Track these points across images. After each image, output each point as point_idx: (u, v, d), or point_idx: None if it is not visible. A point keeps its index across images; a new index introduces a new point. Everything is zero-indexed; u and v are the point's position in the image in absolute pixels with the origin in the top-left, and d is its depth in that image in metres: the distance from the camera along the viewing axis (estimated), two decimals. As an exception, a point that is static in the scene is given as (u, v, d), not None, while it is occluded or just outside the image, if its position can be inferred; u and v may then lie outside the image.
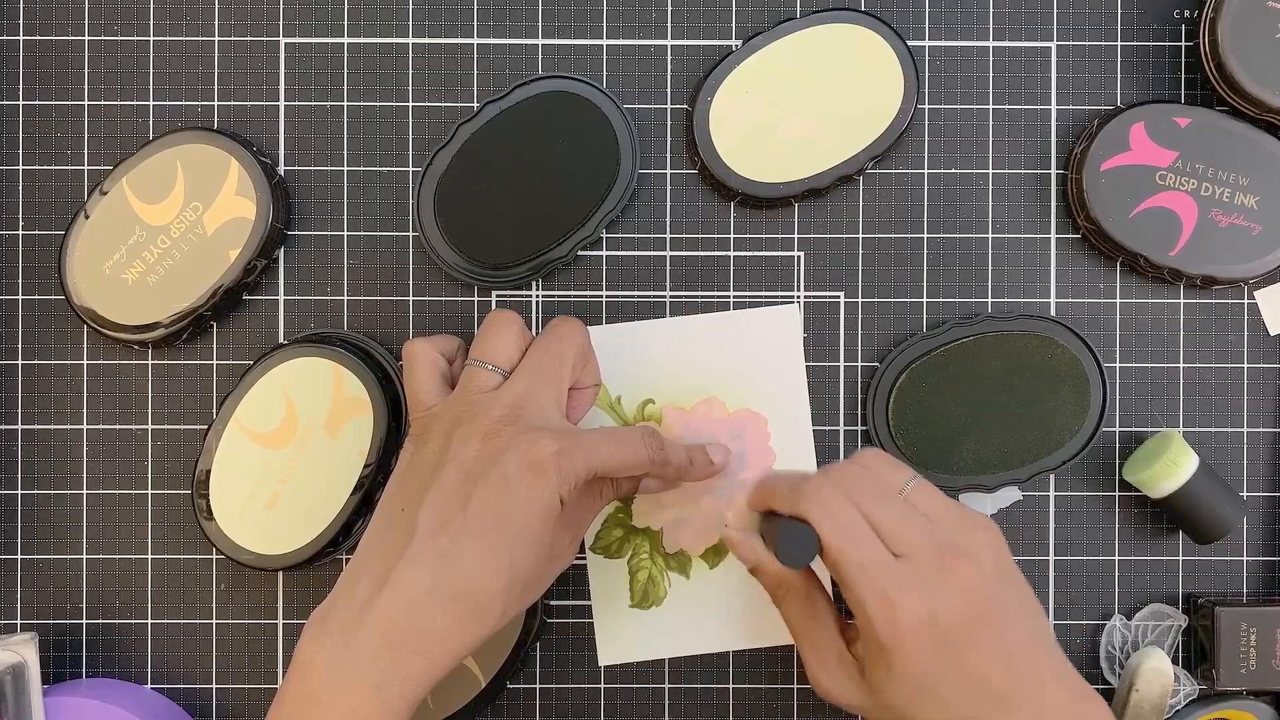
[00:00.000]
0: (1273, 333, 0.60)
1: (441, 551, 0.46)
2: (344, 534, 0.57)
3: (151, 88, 0.60)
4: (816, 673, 0.49)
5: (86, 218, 0.57)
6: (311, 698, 0.45)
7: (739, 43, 0.59)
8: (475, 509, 0.46)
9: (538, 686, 0.60)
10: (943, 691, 0.45)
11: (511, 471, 0.46)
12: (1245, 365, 0.60)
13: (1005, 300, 0.60)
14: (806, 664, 0.50)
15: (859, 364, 0.60)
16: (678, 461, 0.52)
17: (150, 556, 0.59)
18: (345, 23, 0.60)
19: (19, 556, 0.59)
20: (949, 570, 0.46)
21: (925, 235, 0.60)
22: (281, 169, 0.60)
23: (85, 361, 0.60)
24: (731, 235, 0.60)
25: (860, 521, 0.47)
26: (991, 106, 0.60)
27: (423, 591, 0.45)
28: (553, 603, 0.59)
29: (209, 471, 0.57)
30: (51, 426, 0.59)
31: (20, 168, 0.60)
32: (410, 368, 0.52)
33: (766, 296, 0.60)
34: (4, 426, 0.60)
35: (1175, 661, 0.59)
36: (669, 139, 0.60)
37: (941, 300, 0.60)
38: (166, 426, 0.59)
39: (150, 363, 0.60)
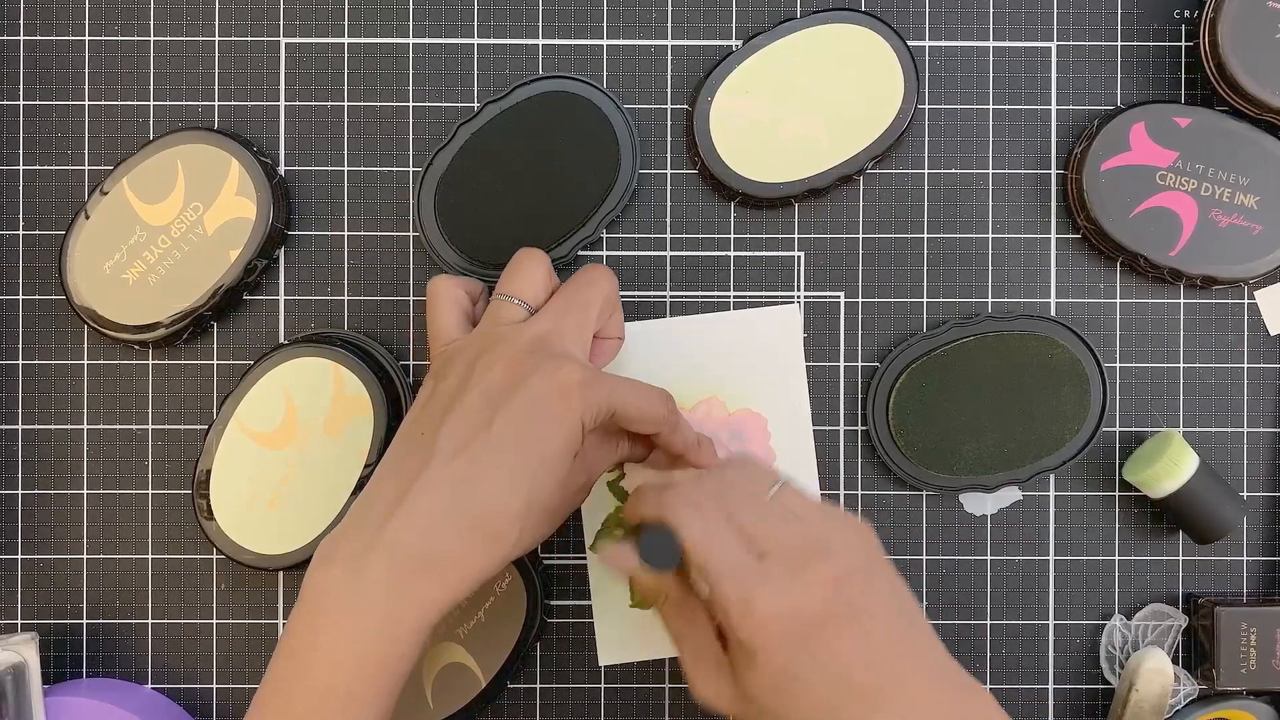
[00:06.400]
0: (1273, 333, 0.60)
1: (461, 473, 0.45)
2: (344, 534, 0.57)
3: (151, 88, 0.60)
4: (693, 677, 0.48)
5: (87, 218, 0.57)
6: (319, 624, 0.44)
7: (739, 43, 0.59)
8: (498, 431, 0.46)
9: (538, 686, 0.60)
10: (808, 689, 0.44)
11: (537, 394, 0.46)
12: (1245, 365, 0.60)
13: (1005, 300, 0.60)
14: (684, 669, 0.49)
15: (859, 364, 0.60)
16: (686, 435, 0.52)
17: (150, 556, 0.59)
18: (345, 23, 0.60)
19: (19, 556, 0.59)
20: (810, 568, 0.45)
21: (925, 235, 0.60)
22: (281, 169, 0.60)
23: (85, 361, 0.60)
24: (731, 235, 0.60)
25: (722, 524, 0.46)
26: (991, 106, 0.60)
27: (439, 513, 0.45)
28: (553, 603, 0.60)
29: (209, 471, 0.57)
30: (51, 426, 0.59)
31: (20, 168, 0.60)
32: (434, 303, 0.51)
33: (766, 296, 0.60)
34: (4, 426, 0.60)
35: (1175, 661, 0.59)
36: (669, 139, 0.60)
37: (941, 300, 0.60)
38: (166, 426, 0.59)
39: (150, 363, 0.60)
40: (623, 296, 0.60)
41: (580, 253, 0.59)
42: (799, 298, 0.60)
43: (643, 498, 0.50)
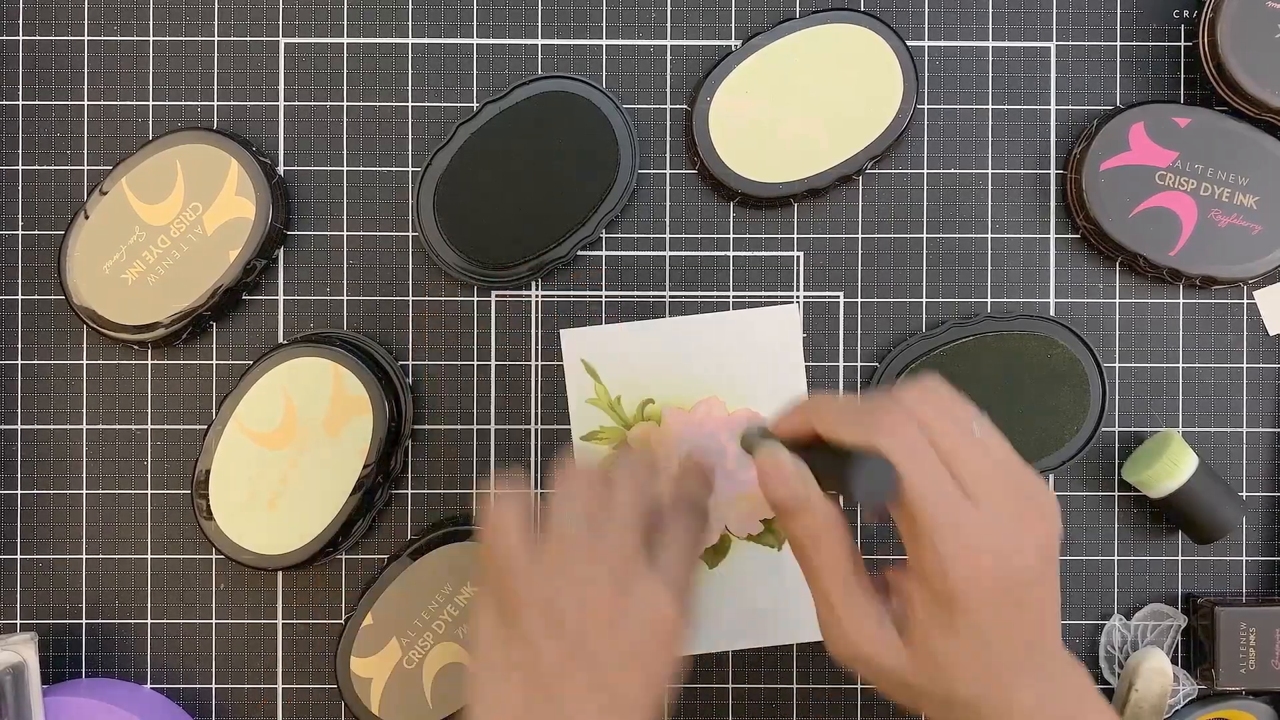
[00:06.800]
0: (1272, 333, 0.60)
1: None
2: (344, 534, 0.57)
3: (151, 88, 0.60)
4: (849, 630, 0.45)
5: (86, 218, 0.57)
6: None
7: (739, 43, 0.59)
8: (608, 695, 0.44)
9: (537, 686, 0.60)
10: (998, 645, 0.43)
11: (637, 646, 0.44)
12: (1245, 365, 0.60)
13: (1005, 300, 0.60)
14: (837, 621, 0.45)
15: (859, 364, 0.60)
16: (703, 498, 0.51)
17: (150, 556, 0.59)
18: (345, 23, 0.60)
19: (19, 556, 0.59)
20: (1027, 525, 0.43)
21: (925, 235, 0.60)
22: (281, 169, 0.60)
23: (85, 361, 0.60)
24: (731, 235, 0.60)
25: (937, 461, 0.44)
26: (991, 106, 0.60)
27: None
28: (552, 603, 0.60)
29: (209, 471, 0.57)
30: (51, 426, 0.59)
31: (20, 168, 0.60)
32: (497, 511, 0.47)
33: (766, 296, 0.60)
34: (4, 426, 0.60)
35: (1175, 661, 0.59)
36: (669, 139, 0.60)
37: (941, 300, 0.60)
38: (166, 426, 0.59)
39: (150, 363, 0.60)
40: (622, 296, 0.60)
41: (580, 253, 0.59)
42: (798, 298, 0.60)
43: (830, 417, 0.46)
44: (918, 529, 0.43)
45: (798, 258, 0.60)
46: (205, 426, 0.59)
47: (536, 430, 0.59)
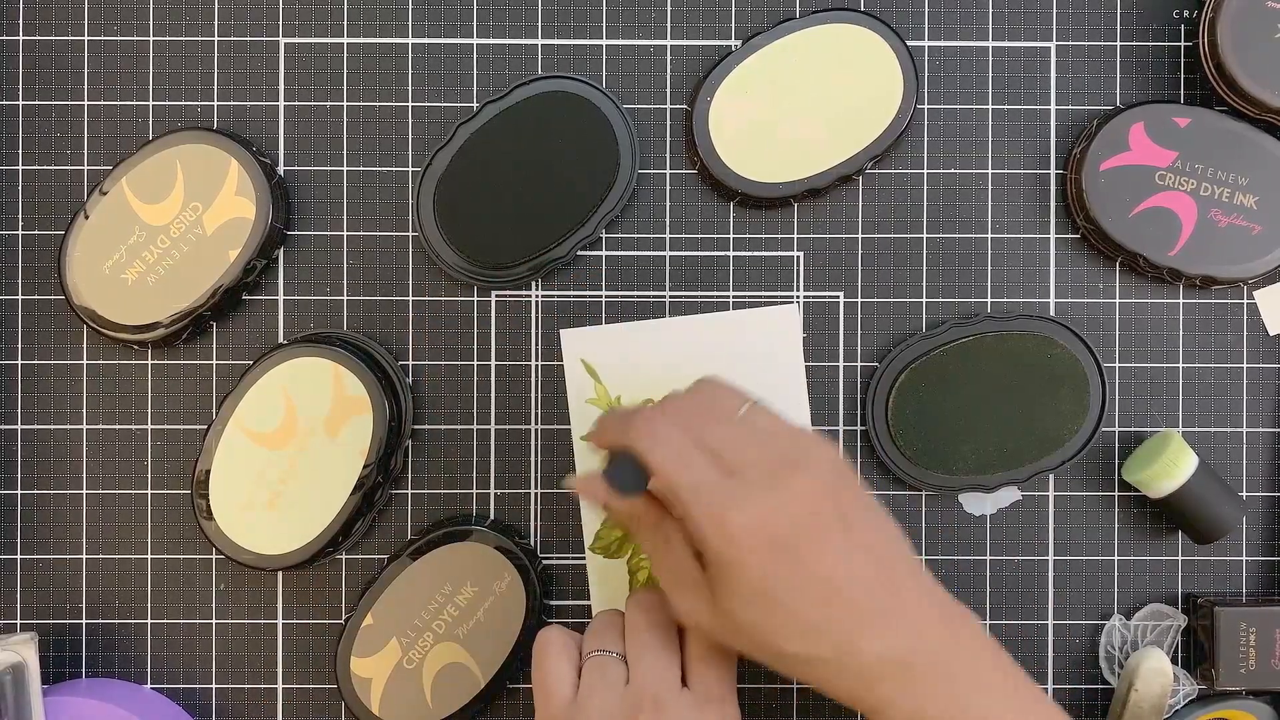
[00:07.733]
0: (1272, 333, 0.60)
1: None
2: (344, 534, 0.57)
3: (151, 88, 0.60)
4: (674, 597, 0.48)
5: (86, 218, 0.57)
6: None
7: (739, 43, 0.59)
8: None
9: (537, 686, 0.60)
10: (787, 601, 0.44)
11: None
12: (1245, 365, 0.60)
13: (1005, 300, 0.60)
14: (665, 590, 0.49)
15: (858, 364, 0.60)
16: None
17: (150, 556, 0.59)
18: (345, 23, 0.60)
19: (19, 556, 0.59)
20: (781, 480, 0.45)
21: (925, 235, 0.60)
22: (281, 169, 0.60)
23: (85, 361, 0.60)
24: (731, 235, 0.60)
25: (688, 445, 0.46)
26: (991, 106, 0.60)
27: None
28: (553, 603, 0.60)
29: (209, 471, 0.57)
30: (51, 426, 0.59)
31: (20, 168, 0.60)
32: (544, 654, 0.50)
33: (766, 296, 0.60)
34: (4, 426, 0.60)
35: (1175, 661, 0.59)
36: (669, 139, 0.60)
37: (941, 300, 0.60)
38: (166, 426, 0.59)
39: (150, 363, 0.60)
40: (622, 296, 0.60)
41: (580, 252, 0.59)
42: (798, 298, 0.60)
43: (607, 427, 0.50)
44: (678, 507, 0.46)
45: (798, 258, 0.60)
46: (205, 426, 0.59)
47: (536, 430, 0.59)
